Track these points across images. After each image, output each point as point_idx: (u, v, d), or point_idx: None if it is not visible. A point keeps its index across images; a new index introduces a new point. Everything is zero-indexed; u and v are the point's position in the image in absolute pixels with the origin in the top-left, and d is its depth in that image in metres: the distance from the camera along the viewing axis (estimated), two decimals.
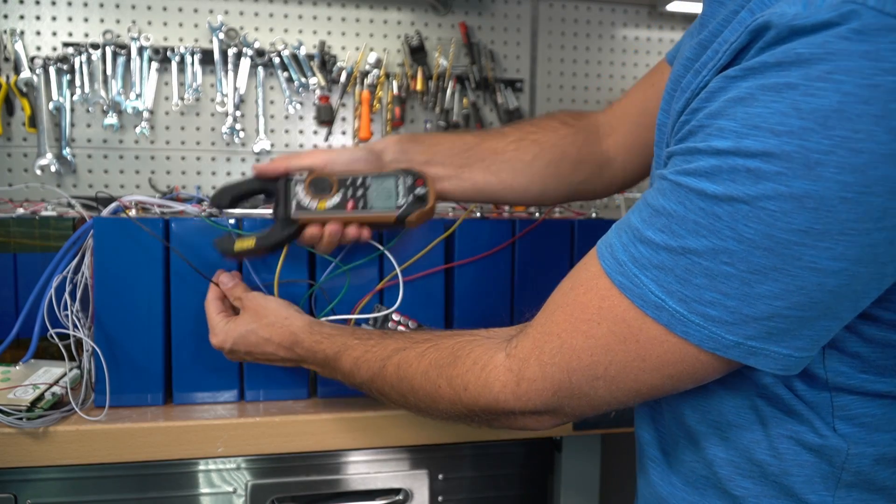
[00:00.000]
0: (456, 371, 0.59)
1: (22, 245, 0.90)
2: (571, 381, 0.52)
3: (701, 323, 0.47)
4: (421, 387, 0.62)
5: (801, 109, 0.41)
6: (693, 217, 0.45)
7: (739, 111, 0.43)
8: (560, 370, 0.52)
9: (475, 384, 0.57)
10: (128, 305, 0.81)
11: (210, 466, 0.82)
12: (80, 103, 1.50)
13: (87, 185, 1.52)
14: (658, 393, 0.53)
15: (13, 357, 0.84)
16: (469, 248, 0.90)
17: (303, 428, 0.81)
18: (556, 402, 0.54)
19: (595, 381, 0.52)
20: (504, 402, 0.55)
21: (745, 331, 0.46)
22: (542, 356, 0.53)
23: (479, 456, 0.89)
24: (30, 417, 0.74)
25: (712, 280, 0.45)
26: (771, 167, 0.42)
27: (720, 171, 0.44)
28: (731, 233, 0.44)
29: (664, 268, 0.47)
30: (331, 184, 0.75)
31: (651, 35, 1.79)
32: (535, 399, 0.54)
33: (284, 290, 0.84)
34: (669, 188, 0.47)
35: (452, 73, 1.65)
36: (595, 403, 0.54)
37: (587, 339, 0.51)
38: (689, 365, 0.49)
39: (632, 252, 0.49)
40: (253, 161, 1.59)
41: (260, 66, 1.57)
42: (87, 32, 1.51)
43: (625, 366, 0.51)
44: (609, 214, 1.07)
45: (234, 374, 0.85)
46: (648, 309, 0.48)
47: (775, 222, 0.42)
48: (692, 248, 0.46)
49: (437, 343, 0.63)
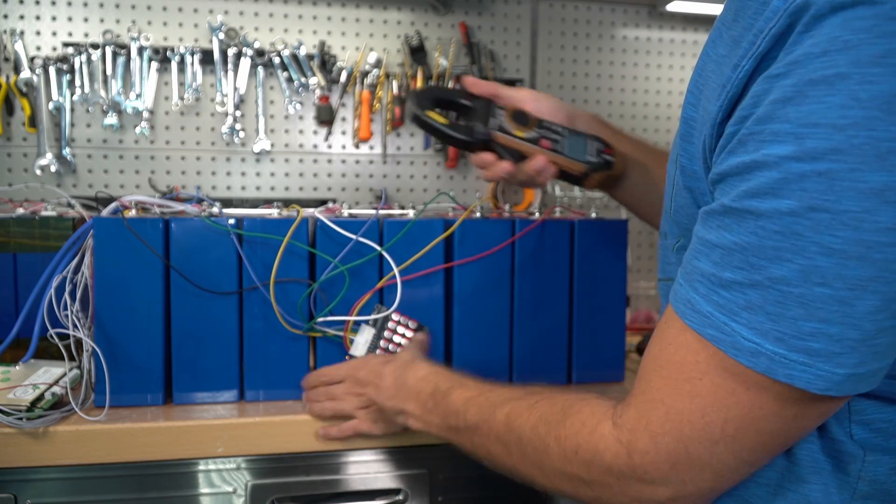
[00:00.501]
0: (565, 432, 0.54)
1: (22, 245, 0.90)
2: (689, 451, 0.47)
3: (805, 361, 0.42)
4: (530, 442, 0.57)
5: (860, 99, 0.38)
6: (771, 243, 0.41)
7: (791, 112, 0.40)
8: (674, 440, 0.47)
9: (585, 450, 0.52)
10: (128, 305, 0.81)
11: (210, 466, 0.82)
12: (80, 103, 1.50)
13: (87, 185, 1.52)
14: (790, 441, 0.48)
15: (13, 357, 0.84)
16: (469, 248, 0.90)
17: (303, 428, 0.81)
18: (676, 475, 0.48)
19: (714, 447, 0.46)
20: (619, 472, 0.50)
21: (853, 358, 0.42)
22: (650, 426, 0.48)
23: None
24: (30, 417, 0.74)
25: (808, 308, 0.41)
26: (843, 165, 0.39)
27: (787, 183, 0.40)
28: (818, 248, 0.40)
29: (753, 307, 0.43)
30: (530, 120, 0.78)
31: (651, 35, 1.79)
32: (652, 472, 0.49)
33: (282, 289, 0.85)
34: (733, 220, 0.43)
35: (452, 73, 1.65)
36: (720, 471, 0.48)
37: (693, 399, 0.46)
38: (810, 405, 0.44)
39: (715, 300, 0.45)
40: (253, 161, 1.59)
41: (260, 66, 1.57)
42: (87, 32, 1.51)
43: (742, 420, 0.45)
44: (609, 214, 1.07)
45: (235, 374, 0.85)
46: (744, 358, 0.44)
47: (861, 224, 0.39)
48: (779, 277, 0.41)
49: (550, 397, 0.59)
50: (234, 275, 0.84)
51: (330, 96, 1.61)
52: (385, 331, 0.87)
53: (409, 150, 1.67)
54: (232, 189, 1.59)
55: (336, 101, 1.62)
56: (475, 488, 0.89)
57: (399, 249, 0.87)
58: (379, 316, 0.86)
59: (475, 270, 0.90)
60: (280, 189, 1.61)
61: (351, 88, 1.62)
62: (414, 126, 0.80)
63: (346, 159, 1.64)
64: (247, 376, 0.85)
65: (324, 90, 1.60)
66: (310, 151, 1.63)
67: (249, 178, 1.60)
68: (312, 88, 1.59)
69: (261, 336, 0.85)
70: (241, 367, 0.85)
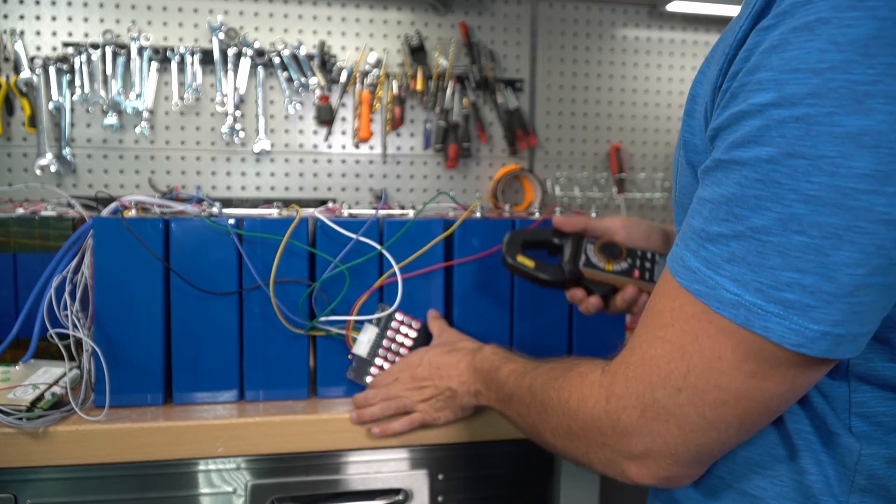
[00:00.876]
0: (563, 382, 0.58)
1: (22, 245, 0.90)
2: (655, 397, 0.48)
3: (780, 312, 0.42)
4: (539, 396, 0.61)
5: (838, 42, 0.38)
6: (753, 192, 0.42)
7: (775, 59, 0.41)
8: (643, 384, 0.49)
9: (575, 396, 0.55)
10: (128, 305, 0.81)
11: (210, 466, 0.82)
12: (80, 103, 1.50)
13: (87, 185, 1.52)
14: (754, 408, 0.47)
15: (13, 357, 0.84)
16: (469, 248, 0.90)
17: (303, 428, 0.81)
18: (645, 423, 0.49)
19: (678, 395, 0.47)
20: (598, 420, 0.52)
21: (829, 314, 0.41)
22: (627, 370, 0.51)
23: (479, 456, 0.89)
24: (30, 417, 0.74)
25: (786, 257, 0.41)
26: (820, 109, 0.39)
27: (768, 130, 0.41)
28: (796, 195, 0.40)
29: (735, 259, 0.43)
30: (621, 251, 0.79)
31: (651, 35, 1.79)
32: (624, 418, 0.50)
33: (282, 289, 0.85)
34: (722, 173, 0.44)
35: (452, 73, 1.65)
36: (684, 426, 0.48)
37: (664, 345, 0.48)
38: (775, 366, 0.44)
39: (703, 255, 0.45)
40: (253, 161, 1.59)
41: (260, 66, 1.56)
42: (87, 32, 1.51)
43: (703, 370, 0.46)
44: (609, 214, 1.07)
45: (235, 374, 0.85)
46: (726, 311, 0.44)
47: (837, 170, 0.39)
48: (759, 226, 0.42)
49: (567, 359, 0.62)
50: (234, 275, 0.84)
51: (330, 96, 1.61)
52: (388, 330, 0.87)
53: (409, 150, 1.67)
54: (232, 189, 1.59)
55: (336, 101, 1.62)
56: (475, 488, 0.90)
57: (399, 250, 0.87)
58: (382, 315, 0.86)
59: (475, 270, 0.90)
60: (280, 189, 1.61)
61: (351, 88, 1.62)
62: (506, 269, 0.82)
63: (346, 159, 1.64)
64: (247, 376, 0.85)
65: (324, 90, 1.60)
66: (310, 151, 1.63)
67: (249, 178, 1.60)
68: (312, 88, 1.59)
69: (261, 336, 0.85)
70: (241, 367, 0.85)
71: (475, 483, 0.89)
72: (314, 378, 0.88)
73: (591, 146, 1.77)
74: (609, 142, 1.78)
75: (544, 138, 1.74)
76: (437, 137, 1.65)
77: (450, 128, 1.66)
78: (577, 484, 0.91)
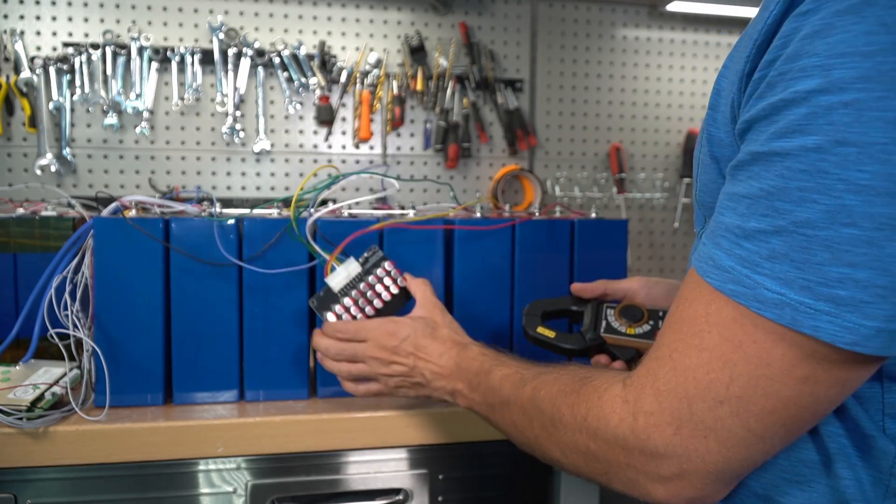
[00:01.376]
0: (578, 399, 0.52)
1: (22, 245, 0.90)
2: (692, 411, 0.44)
3: (831, 311, 0.39)
4: (547, 410, 0.56)
5: (887, 24, 0.36)
6: (797, 184, 0.39)
7: (819, 45, 0.38)
8: (677, 398, 0.45)
9: (594, 414, 0.50)
10: (128, 305, 0.81)
11: (210, 466, 0.82)
12: (80, 103, 1.50)
13: (87, 185, 1.52)
14: (803, 415, 0.43)
15: (13, 357, 0.84)
16: (469, 248, 0.90)
17: (303, 428, 0.81)
18: (680, 441, 0.45)
19: (719, 408, 0.43)
20: (623, 439, 0.48)
21: (884, 309, 0.38)
22: (656, 383, 0.46)
23: (479, 456, 0.89)
24: (30, 417, 0.74)
25: (834, 251, 0.38)
26: (870, 94, 0.36)
27: (815, 118, 0.38)
28: (845, 185, 0.37)
29: (777, 256, 0.40)
30: (642, 313, 0.77)
31: (651, 35, 1.79)
32: (655, 437, 0.46)
33: (284, 289, 0.85)
34: (760, 166, 0.41)
35: (452, 73, 1.65)
36: (726, 440, 0.44)
37: (700, 354, 0.44)
38: (827, 368, 0.41)
39: (738, 254, 0.42)
40: (253, 161, 1.59)
41: (260, 66, 1.57)
42: (87, 32, 1.51)
43: (749, 379, 0.42)
44: (609, 214, 1.07)
45: (235, 374, 0.85)
46: (768, 311, 0.41)
47: (890, 157, 0.36)
48: (804, 220, 0.39)
49: (574, 371, 0.57)
50: (234, 275, 0.84)
51: (330, 96, 1.61)
52: (371, 276, 0.80)
53: (409, 150, 1.67)
54: (232, 189, 1.59)
55: (336, 101, 1.62)
56: (475, 488, 0.89)
57: (400, 250, 0.87)
58: (371, 255, 0.81)
59: (475, 270, 0.90)
60: (280, 189, 1.61)
61: (351, 88, 1.62)
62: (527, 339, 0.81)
63: (346, 159, 1.64)
64: (247, 376, 0.85)
65: (324, 90, 1.60)
66: (310, 151, 1.63)
67: (249, 178, 1.60)
68: (312, 88, 1.59)
69: (261, 336, 0.85)
70: (241, 367, 0.85)
71: (475, 483, 0.89)
72: (314, 378, 0.88)
73: (591, 146, 1.77)
74: (609, 142, 1.78)
75: (544, 138, 1.74)
76: (437, 137, 1.65)
77: (450, 128, 1.66)
78: (578, 484, 0.91)
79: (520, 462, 0.91)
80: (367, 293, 0.80)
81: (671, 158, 1.82)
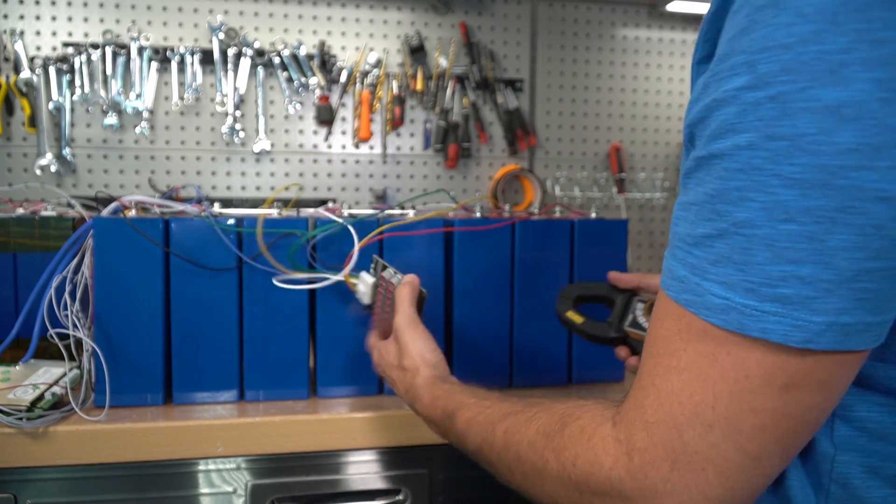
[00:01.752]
0: (563, 442, 0.49)
1: (22, 245, 0.90)
2: (685, 442, 0.42)
3: (777, 311, 0.38)
4: (527, 458, 0.52)
5: (805, 14, 0.36)
6: (734, 184, 0.39)
7: (744, 42, 0.38)
8: (667, 428, 0.42)
9: (584, 458, 0.47)
10: (128, 305, 0.81)
11: (210, 466, 0.82)
12: (80, 103, 1.50)
13: (87, 185, 1.52)
14: (796, 428, 0.41)
15: (13, 357, 0.84)
16: (469, 248, 0.90)
17: (303, 428, 0.81)
18: (678, 477, 0.42)
19: (710, 433, 0.41)
20: (619, 482, 0.44)
21: (831, 303, 0.37)
22: (644, 415, 0.43)
23: None
24: (30, 417, 0.74)
25: (775, 249, 0.37)
26: (794, 85, 0.36)
27: (745, 115, 0.38)
28: (779, 180, 0.37)
29: (721, 260, 0.39)
30: None
31: (651, 35, 1.79)
32: (652, 476, 0.43)
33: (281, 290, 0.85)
34: (704, 171, 0.41)
35: (452, 73, 1.65)
36: (724, 469, 0.41)
37: (680, 375, 0.42)
38: (803, 371, 0.39)
39: (689, 262, 0.42)
40: (253, 161, 1.59)
41: (260, 66, 1.56)
42: (87, 32, 1.51)
43: (732, 395, 0.40)
44: (609, 214, 1.07)
45: (235, 374, 0.85)
46: (715, 317, 0.40)
47: (820, 148, 0.36)
48: (743, 220, 0.38)
49: (549, 407, 0.53)
50: (234, 275, 0.84)
51: (330, 96, 1.61)
52: (383, 280, 0.81)
53: (409, 150, 1.67)
54: (232, 189, 1.59)
55: (336, 101, 1.62)
56: (475, 488, 0.89)
57: (399, 249, 0.87)
58: (377, 266, 0.81)
59: (475, 270, 0.90)
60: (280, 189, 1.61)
61: (351, 88, 1.62)
62: None
63: (346, 159, 1.64)
64: (247, 376, 0.85)
65: (324, 90, 1.60)
66: (310, 151, 1.63)
67: (249, 178, 1.60)
68: (312, 88, 1.59)
69: (261, 336, 0.85)
70: (241, 367, 0.85)
71: (475, 483, 0.89)
72: (314, 378, 0.88)
73: (591, 146, 1.77)
74: (609, 142, 1.78)
75: (544, 138, 1.74)
76: (437, 137, 1.65)
77: (450, 128, 1.66)
78: None
79: None
80: (387, 296, 0.81)
81: (671, 158, 1.82)
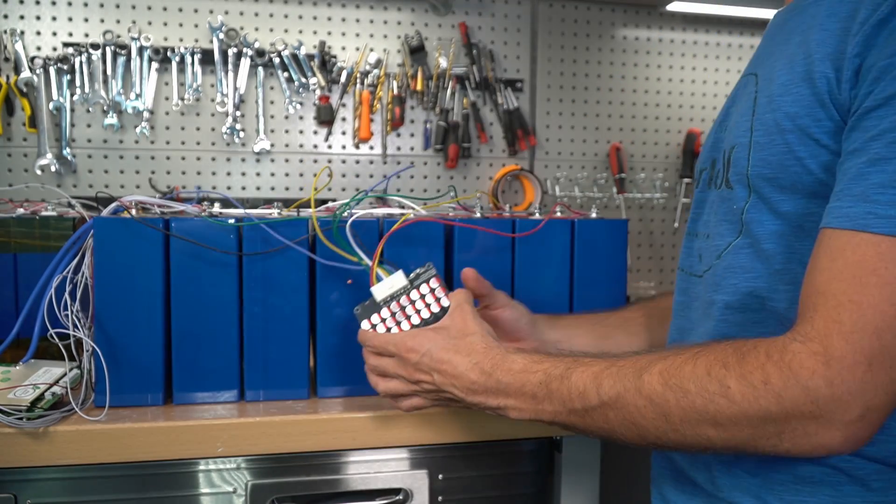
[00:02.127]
0: (748, 367, 0.52)
1: (22, 245, 0.90)
2: (883, 344, 0.48)
3: None
4: (700, 392, 0.54)
5: None
6: None
7: None
8: (867, 335, 0.48)
9: (778, 376, 0.51)
10: (128, 305, 0.81)
11: (210, 466, 0.82)
12: (80, 103, 1.50)
13: (87, 185, 1.52)
14: None
15: (13, 357, 0.84)
16: (469, 248, 0.90)
17: (303, 428, 0.81)
18: (871, 377, 0.48)
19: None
20: (815, 391, 0.49)
21: None
22: (842, 328, 0.49)
23: (479, 456, 0.89)
24: (30, 417, 0.74)
25: None
26: None
27: None
28: None
29: None
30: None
31: (651, 35, 1.79)
32: (849, 380, 0.48)
33: (282, 290, 0.84)
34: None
35: (452, 73, 1.65)
36: None
37: (882, 289, 0.48)
38: None
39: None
40: (253, 161, 1.59)
41: (260, 66, 1.57)
42: (87, 32, 1.51)
43: None
44: (609, 214, 1.08)
45: (235, 374, 0.85)
46: None
47: None
48: None
49: (708, 347, 0.56)
50: (234, 274, 0.84)
51: (330, 96, 1.61)
52: (415, 290, 0.75)
53: (409, 150, 1.67)
54: (232, 189, 1.59)
55: (336, 101, 1.62)
56: (475, 488, 0.89)
57: (399, 250, 0.87)
58: (424, 273, 0.76)
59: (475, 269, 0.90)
60: (280, 189, 1.61)
61: (351, 88, 1.62)
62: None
63: (346, 159, 1.64)
64: (247, 376, 0.85)
65: (324, 90, 1.60)
66: (310, 151, 1.63)
67: (249, 178, 1.60)
68: (312, 88, 1.59)
69: (261, 336, 0.85)
70: (241, 367, 0.85)
71: (475, 483, 0.89)
72: (314, 378, 0.88)
73: (591, 146, 1.77)
74: (609, 142, 1.78)
75: (544, 138, 1.75)
76: (437, 137, 1.65)
77: (450, 128, 1.66)
78: (578, 484, 0.91)
79: (520, 462, 0.91)
80: (407, 307, 0.75)
81: (671, 158, 1.82)
